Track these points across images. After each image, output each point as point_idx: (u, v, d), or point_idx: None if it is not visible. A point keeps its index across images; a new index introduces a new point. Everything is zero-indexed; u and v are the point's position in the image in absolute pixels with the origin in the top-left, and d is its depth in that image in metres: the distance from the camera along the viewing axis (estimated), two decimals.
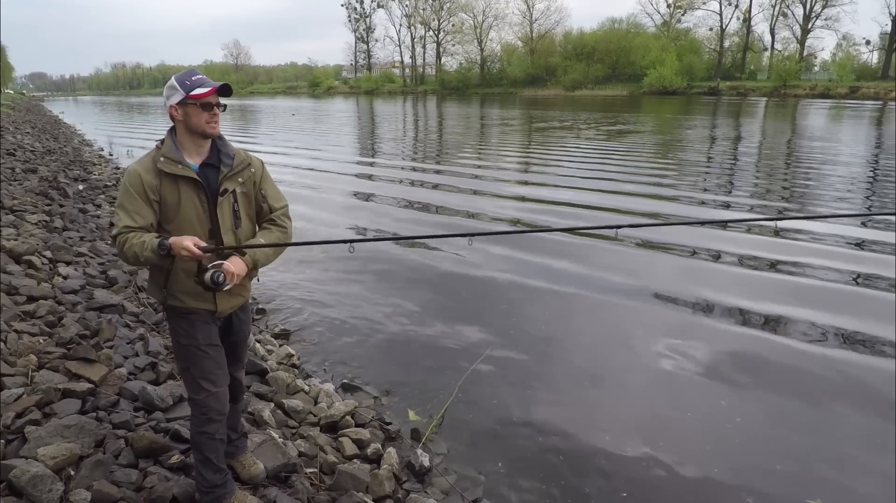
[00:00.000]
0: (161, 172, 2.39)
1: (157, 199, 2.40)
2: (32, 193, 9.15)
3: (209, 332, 2.58)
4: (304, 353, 5.24)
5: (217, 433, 2.63)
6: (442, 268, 7.57)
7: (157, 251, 2.30)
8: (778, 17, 74.23)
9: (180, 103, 2.40)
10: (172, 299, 2.50)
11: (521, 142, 23.58)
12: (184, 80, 2.41)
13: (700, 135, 24.43)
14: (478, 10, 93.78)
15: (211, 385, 2.57)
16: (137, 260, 2.35)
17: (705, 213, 10.43)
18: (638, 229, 8.84)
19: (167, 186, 2.41)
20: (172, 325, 2.60)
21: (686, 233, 8.94)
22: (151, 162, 2.41)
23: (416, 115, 44.68)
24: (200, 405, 2.58)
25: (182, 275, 2.46)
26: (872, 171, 15.04)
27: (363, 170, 16.93)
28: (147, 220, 2.39)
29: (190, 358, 2.56)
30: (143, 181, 2.37)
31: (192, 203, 2.44)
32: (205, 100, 2.39)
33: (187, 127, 2.43)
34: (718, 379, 4.72)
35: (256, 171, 2.62)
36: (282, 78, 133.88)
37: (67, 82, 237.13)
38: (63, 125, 33.20)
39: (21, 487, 2.53)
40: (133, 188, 2.37)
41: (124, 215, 2.37)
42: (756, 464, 3.68)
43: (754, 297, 6.37)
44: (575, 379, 4.78)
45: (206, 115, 2.42)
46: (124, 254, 2.36)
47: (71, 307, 4.90)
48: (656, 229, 9.16)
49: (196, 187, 2.45)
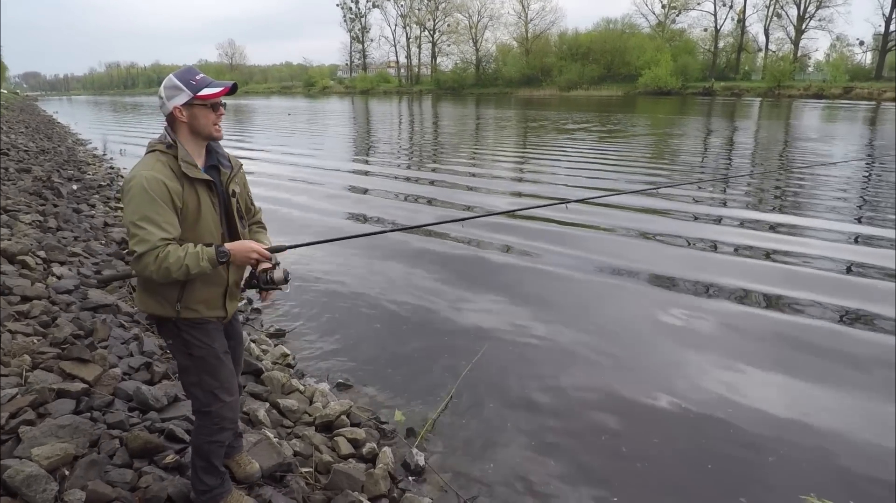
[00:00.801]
0: (185, 177, 2.29)
1: (181, 206, 2.28)
2: (26, 193, 9.11)
3: (222, 340, 2.56)
4: (300, 353, 5.24)
5: (226, 440, 2.63)
6: (439, 268, 7.57)
7: (215, 260, 2.24)
8: (772, 17, 74.49)
9: (186, 104, 2.30)
10: (188, 311, 2.39)
11: (518, 142, 23.62)
12: (188, 79, 2.30)
13: (694, 134, 24.50)
14: (473, 11, 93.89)
15: (226, 394, 2.53)
16: (186, 273, 2.20)
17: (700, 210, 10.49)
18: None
19: (188, 191, 2.31)
20: (184, 339, 2.44)
21: (682, 224, 9.04)
22: (168, 168, 2.27)
23: (412, 115, 44.67)
24: (213, 416, 2.52)
25: (199, 284, 2.37)
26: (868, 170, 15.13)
27: (359, 167, 16.93)
28: (178, 230, 2.24)
29: (206, 368, 2.47)
30: (168, 188, 2.22)
31: (210, 207, 2.39)
32: (214, 100, 2.33)
33: (192, 129, 2.34)
34: (715, 372, 4.74)
35: (243, 173, 2.65)
36: (277, 77, 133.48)
37: (62, 82, 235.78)
38: (57, 125, 33.04)
39: (15, 487, 2.52)
40: (159, 197, 2.19)
41: (154, 228, 2.17)
42: (750, 457, 3.71)
43: (754, 280, 6.43)
44: (572, 378, 4.79)
45: (214, 115, 2.35)
46: (163, 270, 2.17)
47: (65, 307, 4.88)
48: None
49: (210, 191, 2.40)
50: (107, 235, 8.01)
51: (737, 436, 3.97)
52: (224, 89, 2.32)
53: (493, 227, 9.42)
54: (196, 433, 2.63)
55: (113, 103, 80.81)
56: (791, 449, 3.82)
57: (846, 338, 5.42)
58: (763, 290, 6.56)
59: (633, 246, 8.50)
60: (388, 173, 15.96)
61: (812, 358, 5.06)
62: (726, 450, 3.84)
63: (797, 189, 12.60)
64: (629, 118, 34.53)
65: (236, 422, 2.64)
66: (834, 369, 4.87)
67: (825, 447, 3.85)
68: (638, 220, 9.94)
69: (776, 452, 3.78)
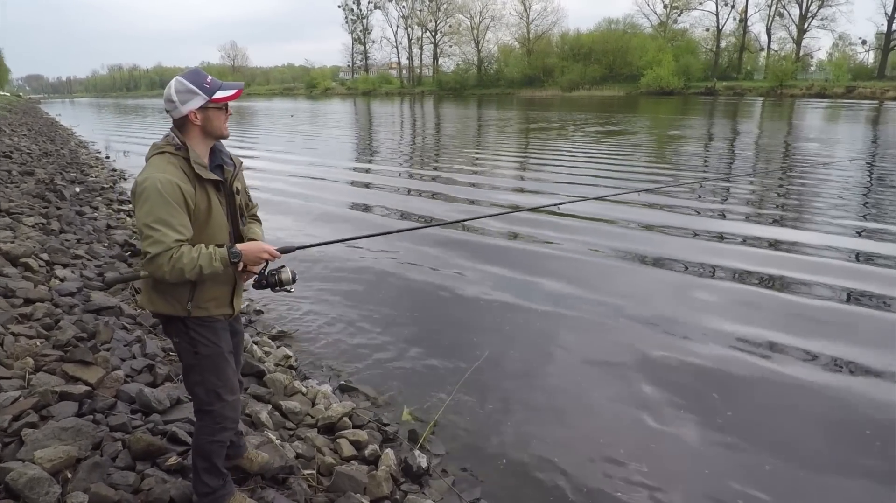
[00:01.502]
0: (198, 179, 2.33)
1: (194, 208, 2.32)
2: (29, 196, 9.13)
3: (228, 338, 2.60)
4: (302, 355, 5.24)
5: (227, 440, 2.65)
6: (440, 270, 7.57)
7: (227, 260, 2.29)
8: (774, 17, 74.36)
9: (201, 108, 2.33)
10: (198, 310, 2.42)
11: (519, 144, 23.62)
12: (200, 83, 2.32)
13: (696, 134, 24.47)
14: (475, 11, 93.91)
15: (229, 393, 2.56)
16: (199, 273, 2.24)
17: (703, 222, 10.47)
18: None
19: (200, 193, 2.35)
20: (192, 337, 2.46)
21: (683, 243, 9.02)
22: (180, 170, 2.30)
23: (415, 116, 44.68)
24: (215, 415, 2.54)
25: (209, 283, 2.41)
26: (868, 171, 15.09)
27: (362, 167, 16.94)
28: (190, 231, 2.28)
29: (211, 367, 2.50)
30: (182, 190, 2.25)
31: (218, 207, 2.44)
32: (225, 102, 2.38)
33: (205, 130, 2.38)
34: (714, 384, 4.74)
35: (242, 170, 2.67)
36: (279, 79, 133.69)
37: (64, 84, 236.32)
38: (60, 127, 33.13)
39: (18, 490, 2.52)
40: (174, 199, 2.22)
41: (169, 230, 2.19)
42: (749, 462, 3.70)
43: (744, 322, 6.40)
44: (574, 381, 4.79)
45: (225, 116, 2.41)
46: (176, 271, 2.20)
47: (68, 309, 4.89)
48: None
49: (218, 190, 2.45)
50: (109, 238, 8.03)
51: (742, 438, 3.97)
52: (238, 91, 2.38)
53: (495, 230, 9.42)
54: (197, 433, 2.64)
55: (115, 105, 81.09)
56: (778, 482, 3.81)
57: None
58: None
59: (638, 239, 8.48)
60: (393, 171, 15.97)
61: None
62: (731, 451, 3.83)
63: (799, 193, 12.56)
64: (630, 119, 34.48)
65: (237, 422, 2.66)
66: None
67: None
68: (640, 215, 9.92)
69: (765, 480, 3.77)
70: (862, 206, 10.82)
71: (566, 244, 8.58)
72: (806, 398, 4.45)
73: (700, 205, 11.10)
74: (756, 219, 9.99)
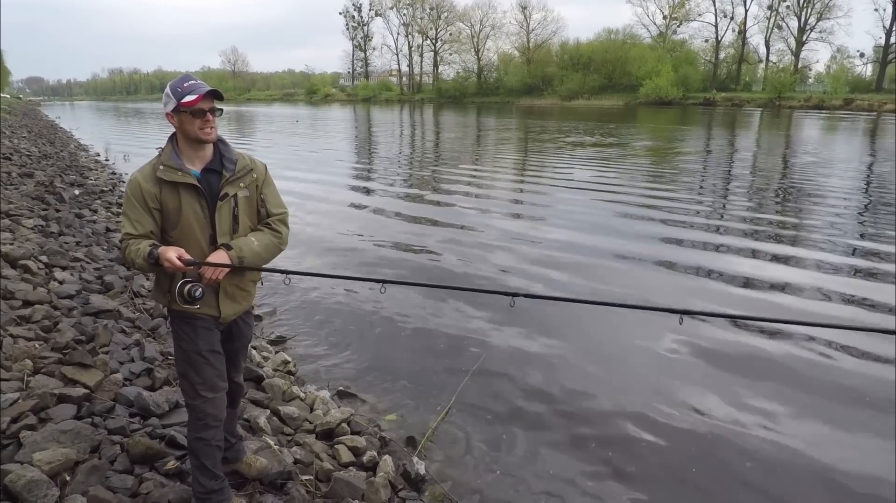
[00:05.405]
0: (160, 180, 2.41)
1: (158, 208, 2.43)
2: (29, 198, 9.14)
3: (211, 338, 2.59)
4: (301, 360, 5.24)
5: (213, 439, 2.63)
6: (439, 276, 7.57)
7: (146, 259, 2.35)
8: (773, 29, 74.68)
9: (174, 111, 2.41)
10: (177, 304, 2.49)
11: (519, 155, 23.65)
12: (176, 87, 2.41)
13: (695, 147, 24.55)
14: (475, 20, 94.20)
15: (208, 391, 2.58)
16: (138, 267, 2.41)
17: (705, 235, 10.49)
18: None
19: (167, 194, 2.43)
20: (175, 329, 2.61)
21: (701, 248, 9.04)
22: (151, 170, 2.43)
23: (414, 123, 44.75)
24: (197, 410, 2.59)
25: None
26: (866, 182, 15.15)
27: (359, 183, 16.97)
28: (147, 228, 2.42)
29: (190, 363, 2.57)
30: (142, 190, 2.41)
31: (193, 209, 2.46)
32: (195, 107, 2.37)
33: (183, 134, 2.46)
34: (714, 390, 4.74)
35: (259, 176, 2.63)
36: (279, 85, 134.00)
37: (64, 87, 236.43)
38: (59, 130, 33.14)
39: (16, 492, 2.52)
40: (133, 197, 2.42)
41: (127, 223, 2.43)
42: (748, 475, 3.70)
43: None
44: (571, 387, 4.79)
45: (199, 121, 2.41)
46: (128, 261, 2.42)
47: (67, 312, 4.89)
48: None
49: (196, 193, 2.46)
50: (108, 240, 8.02)
51: (738, 451, 3.97)
52: (199, 97, 2.36)
53: (491, 245, 9.31)
54: (188, 431, 2.69)
55: (115, 109, 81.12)
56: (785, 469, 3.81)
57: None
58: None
59: (637, 256, 8.50)
60: (389, 181, 15.99)
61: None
62: (726, 464, 3.84)
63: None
64: (630, 130, 34.59)
65: (221, 421, 2.65)
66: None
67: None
68: (640, 222, 9.95)
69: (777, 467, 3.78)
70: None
71: (564, 260, 8.59)
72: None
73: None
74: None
